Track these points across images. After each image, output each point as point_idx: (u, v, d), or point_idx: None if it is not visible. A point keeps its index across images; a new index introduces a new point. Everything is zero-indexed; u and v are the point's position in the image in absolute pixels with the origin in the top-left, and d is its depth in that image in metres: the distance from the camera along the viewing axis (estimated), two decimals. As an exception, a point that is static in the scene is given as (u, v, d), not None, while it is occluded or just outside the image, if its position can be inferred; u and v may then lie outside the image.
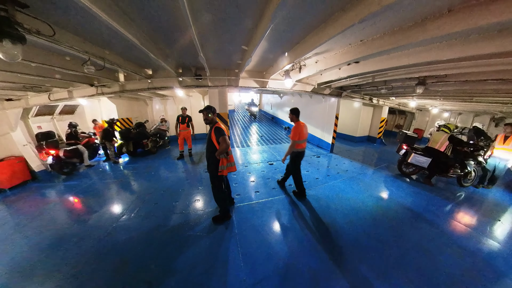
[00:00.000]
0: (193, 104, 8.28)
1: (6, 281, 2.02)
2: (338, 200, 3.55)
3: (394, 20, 1.88)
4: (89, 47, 2.43)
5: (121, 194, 3.93)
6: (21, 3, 1.49)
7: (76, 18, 1.84)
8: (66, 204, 3.60)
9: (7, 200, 3.80)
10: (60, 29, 1.97)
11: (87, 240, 2.59)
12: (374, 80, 4.28)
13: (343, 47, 2.74)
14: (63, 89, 4.44)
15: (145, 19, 1.96)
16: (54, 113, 5.56)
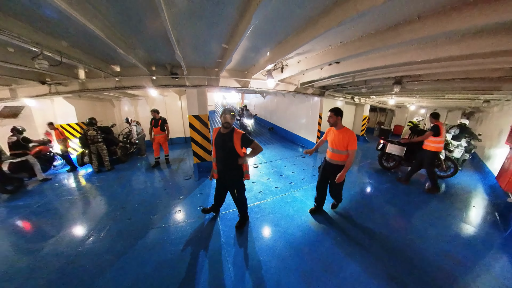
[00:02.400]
0: (169, 105, 7.98)
1: None
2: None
3: (370, 24, 2.09)
4: (42, 37, 2.21)
5: (86, 212, 3.57)
6: None
7: (26, 4, 1.67)
8: (11, 230, 3.09)
9: None
10: (4, 16, 1.77)
11: (40, 274, 2.22)
12: (355, 80, 4.64)
13: (324, 48, 2.93)
14: (3, 87, 3.92)
15: (111, 6, 1.81)
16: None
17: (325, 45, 2.85)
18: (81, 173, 5.43)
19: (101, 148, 5.28)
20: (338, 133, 2.63)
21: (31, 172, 4.59)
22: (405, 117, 12.26)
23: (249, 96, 14.82)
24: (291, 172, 5.09)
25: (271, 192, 4.00)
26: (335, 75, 4.28)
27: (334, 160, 2.71)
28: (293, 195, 3.86)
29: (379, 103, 9.80)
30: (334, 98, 7.24)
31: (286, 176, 4.88)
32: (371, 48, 2.29)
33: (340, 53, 2.76)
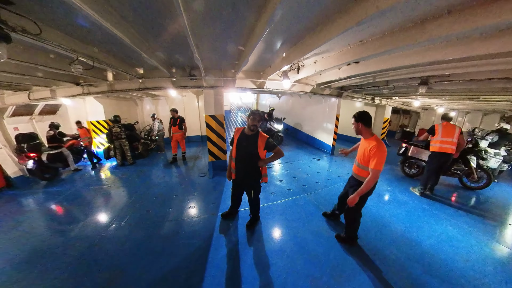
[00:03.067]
0: (187, 104, 8.30)
1: None
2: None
3: (393, 21, 1.97)
4: (77, 45, 2.45)
5: (109, 201, 3.90)
6: (5, 0, 1.51)
7: (63, 15, 1.87)
8: (47, 213, 3.52)
9: None
10: (46, 27, 1.99)
11: (71, 252, 2.52)
12: (376, 80, 4.41)
13: (342, 47, 2.83)
14: (44, 88, 4.41)
15: (137, 16, 1.98)
16: (33, 113, 5.48)
17: (344, 45, 2.75)
18: (107, 165, 5.92)
19: (124, 144, 5.69)
20: (364, 142, 2.17)
21: (65, 162, 5.14)
22: (432, 120, 11.35)
23: (264, 96, 14.82)
24: (304, 175, 4.99)
25: (284, 194, 3.96)
26: (354, 76, 4.11)
27: (355, 175, 2.31)
28: (305, 198, 3.78)
29: (402, 104, 9.19)
30: (352, 99, 6.93)
31: (300, 178, 4.80)
32: (394, 47, 2.16)
33: (360, 52, 2.63)
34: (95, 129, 6.33)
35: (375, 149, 1.95)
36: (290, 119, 10.14)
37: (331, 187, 4.32)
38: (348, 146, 8.23)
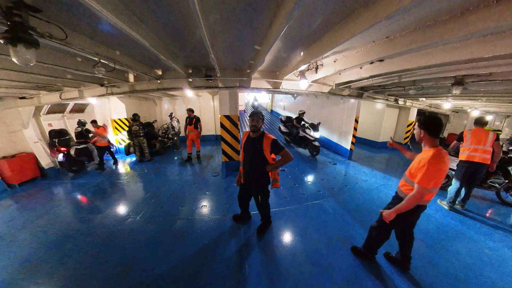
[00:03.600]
0: (202, 104, 8.45)
1: (15, 275, 2.20)
2: (356, 213, 3.34)
3: (427, 13, 1.75)
4: (100, 48, 2.56)
5: (127, 195, 4.13)
6: (35, 8, 1.58)
7: (88, 21, 1.95)
8: (73, 202, 3.90)
9: (16, 196, 4.19)
10: (72, 32, 2.09)
11: (92, 239, 2.75)
12: (401, 80, 4.06)
13: (366, 44, 2.62)
14: (74, 89, 4.75)
15: (155, 20, 2.02)
16: (64, 111, 6.00)
17: (368, 42, 2.54)
18: (127, 161, 6.30)
19: (142, 141, 5.97)
20: (421, 153, 1.76)
21: (90, 157, 5.53)
22: (464, 124, 10.31)
23: (279, 96, 14.64)
24: (320, 180, 4.78)
25: (297, 198, 3.80)
26: (377, 75, 3.83)
27: (398, 189, 1.95)
28: (320, 205, 3.59)
29: (429, 106, 8.47)
30: (373, 100, 6.52)
31: (315, 183, 4.61)
32: (427, 43, 1.93)
33: (386, 50, 2.42)
34: (117, 127, 6.72)
35: (427, 162, 1.57)
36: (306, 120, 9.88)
37: (347, 194, 4.07)
38: (367, 150, 7.80)
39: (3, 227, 3.09)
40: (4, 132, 4.75)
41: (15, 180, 4.50)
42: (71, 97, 4.95)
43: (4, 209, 3.68)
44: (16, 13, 1.48)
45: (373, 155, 7.21)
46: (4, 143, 4.72)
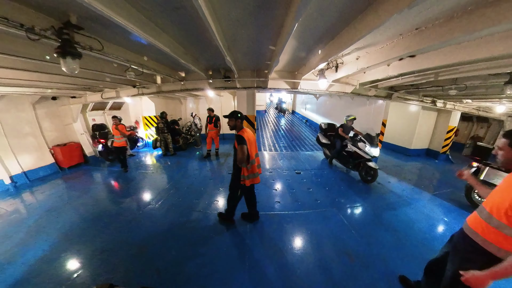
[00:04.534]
0: (224, 104, 8.68)
1: (59, 241, 2.70)
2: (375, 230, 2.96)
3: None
4: (130, 55, 2.88)
5: (151, 184, 4.61)
6: (78, 27, 1.90)
7: (119, 34, 2.21)
8: (107, 187, 4.60)
9: (65, 177, 5.08)
10: (107, 43, 2.41)
11: (120, 219, 3.20)
12: (438, 78, 3.54)
13: (392, 38, 2.35)
14: (112, 90, 5.39)
15: (175, 29, 2.24)
16: (105, 108, 6.88)
17: (393, 35, 2.26)
18: (154, 154, 6.94)
19: (167, 137, 6.51)
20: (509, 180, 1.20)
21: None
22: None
23: (300, 97, 14.20)
24: (338, 186, 4.47)
25: (310, 204, 3.64)
26: (408, 73, 3.42)
27: (476, 235, 1.26)
28: (335, 214, 3.35)
29: (477, 109, 7.23)
30: (405, 101, 5.82)
31: (331, 190, 4.29)
32: (467, 33, 1.62)
33: (416, 43, 2.11)
34: (147, 123, 7.40)
35: None
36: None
37: (367, 204, 3.76)
38: (395, 158, 6.97)
39: (54, 201, 3.84)
40: (59, 124, 5.68)
41: (65, 164, 5.41)
42: (109, 97, 5.59)
43: (55, 186, 4.52)
44: (65, 31, 1.81)
45: (402, 164, 6.37)
46: (59, 133, 5.67)
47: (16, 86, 3.76)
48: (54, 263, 2.30)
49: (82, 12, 1.70)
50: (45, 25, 1.74)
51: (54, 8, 1.69)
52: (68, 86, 4.35)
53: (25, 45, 2.22)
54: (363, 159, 4.57)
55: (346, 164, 5.11)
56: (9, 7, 1.56)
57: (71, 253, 2.46)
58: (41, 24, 1.72)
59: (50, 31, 1.75)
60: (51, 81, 3.64)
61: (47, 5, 1.64)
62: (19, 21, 1.59)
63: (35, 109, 5.12)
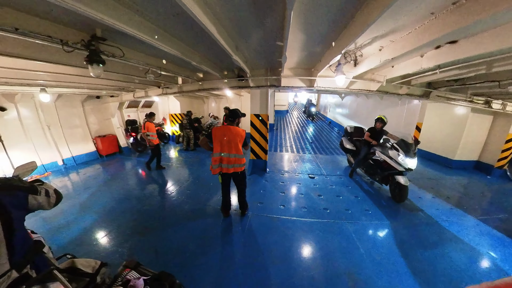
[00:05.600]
0: (244, 103, 8.68)
1: (97, 216, 3.21)
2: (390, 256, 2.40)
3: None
4: (150, 59, 3.16)
5: (169, 175, 5.07)
6: (102, 38, 2.19)
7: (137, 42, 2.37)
8: (135, 174, 5.28)
9: (103, 163, 5.96)
10: (128, 49, 2.68)
11: (143, 202, 3.65)
12: (492, 70, 2.74)
13: (421, 20, 1.88)
14: (141, 90, 5.96)
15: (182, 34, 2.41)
16: (138, 106, 7.76)
17: (423, 15, 1.79)
18: (177, 148, 7.55)
19: (189, 133, 6.97)
20: None
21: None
22: None
23: (326, 96, 13.28)
24: (353, 196, 3.91)
25: (316, 212, 3.31)
26: (447, 64, 2.77)
27: None
28: (343, 227, 2.95)
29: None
30: (448, 102, 4.78)
31: (345, 199, 3.80)
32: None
33: (454, 22, 1.59)
34: (173, 120, 7.98)
35: None
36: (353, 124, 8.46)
37: (385, 222, 3.11)
38: (433, 169, 5.76)
39: (92, 182, 4.57)
40: (101, 119, 6.61)
41: (104, 152, 6.34)
42: (140, 96, 6.17)
43: (95, 170, 5.38)
44: (92, 43, 2.12)
45: (440, 178, 5.15)
46: (100, 126, 6.61)
47: (70, 87, 4.47)
48: (89, 233, 2.77)
49: (105, 26, 1.93)
50: (77, 39, 2.08)
51: (83, 25, 2.02)
52: (106, 87, 4.99)
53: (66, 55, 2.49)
54: (394, 170, 3.66)
55: (373, 176, 4.27)
56: (51, 27, 1.90)
57: (101, 227, 2.93)
58: (73, 38, 2.05)
59: (80, 44, 2.07)
60: (93, 83, 4.24)
61: (78, 23, 1.96)
62: (58, 37, 1.92)
63: (83, 106, 6.03)
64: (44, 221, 2.95)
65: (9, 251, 0.80)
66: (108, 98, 6.41)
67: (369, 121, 6.72)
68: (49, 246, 1.32)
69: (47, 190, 1.11)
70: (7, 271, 0.78)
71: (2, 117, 4.62)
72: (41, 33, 1.82)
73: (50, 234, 2.62)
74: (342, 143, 5.31)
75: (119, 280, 1.04)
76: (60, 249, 2.35)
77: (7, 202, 0.84)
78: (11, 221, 0.82)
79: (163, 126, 7.79)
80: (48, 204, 1.09)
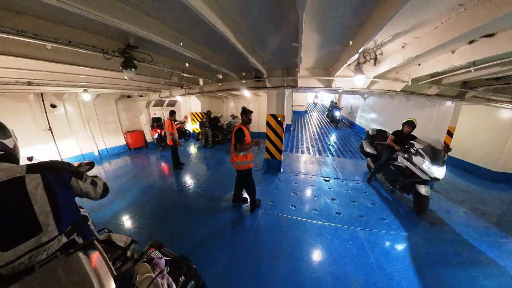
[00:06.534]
0: (261, 103, 8.77)
1: (125, 201, 3.64)
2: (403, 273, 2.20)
3: None
4: (174, 63, 3.46)
5: (188, 169, 5.45)
6: (135, 46, 2.49)
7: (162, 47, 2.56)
8: (158, 166, 5.80)
9: (131, 156, 6.66)
10: (155, 55, 2.96)
11: (164, 192, 4.07)
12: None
13: (447, 13, 1.74)
14: (166, 90, 6.44)
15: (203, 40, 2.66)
16: (163, 105, 8.38)
17: (450, 7, 1.65)
18: (196, 145, 8.03)
19: (207, 131, 7.37)
20: None
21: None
22: None
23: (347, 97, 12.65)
24: (369, 203, 3.68)
25: (328, 216, 3.22)
26: (484, 61, 2.49)
27: None
28: (355, 233, 2.82)
29: None
30: (488, 103, 4.24)
31: (360, 205, 3.60)
32: None
33: (488, 13, 1.45)
34: (194, 118, 8.43)
35: None
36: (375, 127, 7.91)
37: (403, 233, 2.86)
38: (468, 181, 5.06)
39: (122, 172, 5.24)
40: (131, 116, 7.38)
41: (132, 146, 7.09)
42: (165, 96, 6.72)
43: (124, 161, 6.09)
44: (127, 51, 2.43)
45: (476, 190, 4.50)
46: (130, 123, 7.38)
47: (106, 88, 5.06)
48: (118, 215, 3.20)
49: (137, 36, 2.18)
50: (114, 47, 2.40)
51: (119, 36, 2.36)
52: (136, 88, 5.54)
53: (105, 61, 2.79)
54: (417, 179, 3.29)
55: (393, 183, 3.91)
56: (94, 38, 2.25)
57: (127, 211, 3.36)
58: (112, 47, 2.38)
59: (117, 52, 2.39)
60: (125, 84, 4.75)
61: (115, 34, 2.31)
62: (100, 47, 2.26)
63: (116, 104, 6.76)
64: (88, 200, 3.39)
65: (56, 220, 0.93)
66: (137, 98, 7.06)
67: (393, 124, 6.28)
68: (92, 220, 1.54)
69: (94, 181, 1.22)
70: (57, 235, 0.94)
71: (53, 112, 5.41)
72: (87, 44, 2.15)
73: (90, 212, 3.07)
74: (362, 146, 4.98)
75: (144, 257, 1.18)
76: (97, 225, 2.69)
77: (53, 180, 0.96)
78: (56, 196, 0.94)
79: (185, 124, 8.31)
80: (94, 193, 1.20)
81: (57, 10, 1.62)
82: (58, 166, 1.03)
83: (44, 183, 0.92)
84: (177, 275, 1.13)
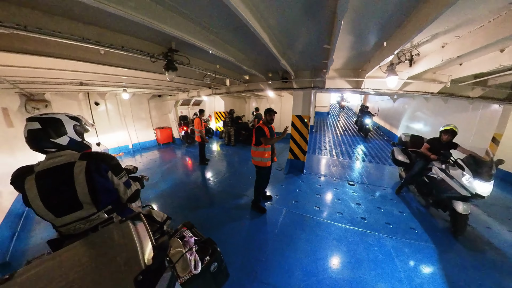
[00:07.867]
0: (284, 103, 8.88)
1: (158, 193, 4.06)
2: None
3: None
4: (207, 65, 3.70)
5: (212, 165, 5.83)
6: (176, 50, 2.73)
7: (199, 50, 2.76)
8: (184, 161, 6.30)
9: (160, 150, 7.32)
10: (192, 58, 3.21)
11: (189, 185, 4.46)
12: None
13: (496, 11, 1.68)
14: (194, 90, 6.87)
15: (238, 43, 2.83)
16: (189, 104, 8.94)
17: (499, 6, 1.61)
18: (219, 142, 8.47)
19: (229, 130, 7.72)
20: None
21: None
22: None
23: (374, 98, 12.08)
24: (397, 211, 3.50)
25: (352, 220, 3.19)
26: None
27: None
28: (381, 241, 2.75)
29: None
30: None
31: (386, 212, 3.47)
32: None
33: None
34: (218, 117, 8.93)
35: None
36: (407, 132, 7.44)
37: (434, 246, 2.70)
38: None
39: (153, 164, 5.84)
40: (161, 114, 8.03)
41: (161, 141, 7.75)
42: (193, 96, 7.17)
43: (154, 155, 6.69)
44: (169, 54, 2.69)
45: None
46: (160, 120, 8.05)
47: (142, 88, 5.59)
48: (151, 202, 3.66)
49: (178, 40, 2.46)
50: (159, 51, 2.68)
51: (163, 41, 2.61)
52: (168, 88, 6.03)
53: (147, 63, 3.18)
54: (454, 194, 2.81)
55: (426, 196, 3.52)
56: (142, 44, 2.53)
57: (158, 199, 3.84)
58: (156, 51, 2.66)
59: (161, 55, 2.67)
60: (159, 84, 5.20)
61: (160, 39, 2.56)
62: (147, 51, 2.54)
63: (148, 103, 7.45)
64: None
65: (93, 201, 1.12)
66: (167, 97, 7.68)
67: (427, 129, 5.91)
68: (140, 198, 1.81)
69: (129, 183, 1.32)
70: (95, 212, 1.15)
71: (96, 109, 6.19)
72: (136, 49, 2.43)
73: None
74: (394, 153, 4.45)
75: (178, 234, 1.37)
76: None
77: (93, 168, 1.11)
78: (93, 181, 1.10)
79: (209, 122, 8.79)
80: (123, 192, 1.28)
81: (116, 19, 1.83)
82: (101, 158, 1.19)
83: (86, 169, 1.09)
84: (203, 254, 1.25)
